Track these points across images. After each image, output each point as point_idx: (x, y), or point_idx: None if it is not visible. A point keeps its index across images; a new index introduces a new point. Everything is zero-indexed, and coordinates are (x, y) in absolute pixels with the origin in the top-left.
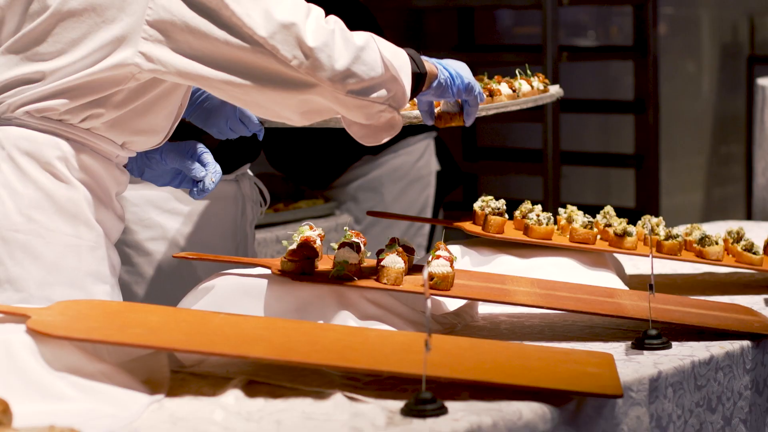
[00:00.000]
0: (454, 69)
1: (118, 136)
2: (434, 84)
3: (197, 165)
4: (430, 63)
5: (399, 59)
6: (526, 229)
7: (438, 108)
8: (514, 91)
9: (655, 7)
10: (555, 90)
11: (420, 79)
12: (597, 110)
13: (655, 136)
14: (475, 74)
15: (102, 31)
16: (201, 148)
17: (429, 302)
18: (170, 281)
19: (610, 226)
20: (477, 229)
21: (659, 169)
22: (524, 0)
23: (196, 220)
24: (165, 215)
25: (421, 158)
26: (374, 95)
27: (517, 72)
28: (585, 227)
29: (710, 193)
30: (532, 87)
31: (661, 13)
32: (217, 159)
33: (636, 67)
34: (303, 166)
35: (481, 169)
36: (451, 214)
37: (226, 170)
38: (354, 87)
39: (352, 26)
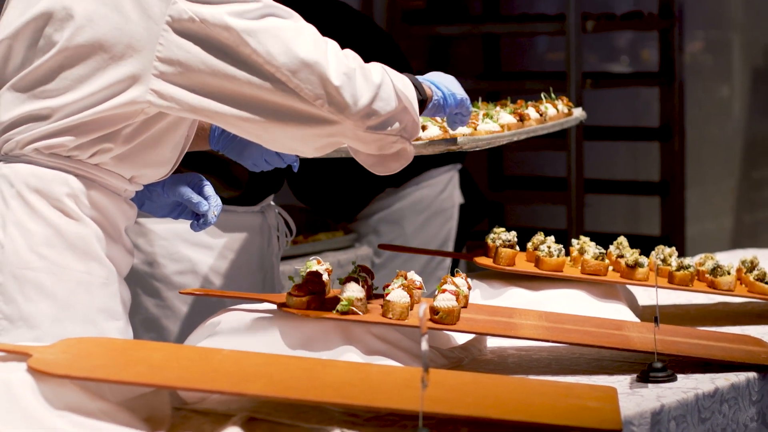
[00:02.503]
0: (446, 87)
1: (127, 171)
2: (430, 105)
3: (200, 198)
4: (425, 84)
5: (408, 90)
6: (537, 261)
7: None
8: (541, 114)
9: (681, 32)
10: (579, 113)
11: (422, 104)
12: (621, 138)
13: (680, 163)
14: (500, 101)
15: (111, 68)
16: (202, 180)
17: (425, 339)
18: (199, 314)
19: (622, 257)
20: (488, 261)
21: (685, 197)
22: (548, 27)
23: (224, 252)
24: (193, 248)
25: (444, 191)
26: (390, 128)
27: (542, 96)
28: (596, 258)
29: (740, 218)
30: (557, 110)
31: (691, 36)
32: (247, 192)
33: (661, 93)
34: (327, 198)
35: (508, 198)
36: (475, 243)
37: (250, 202)
38: (373, 123)
39: (377, 55)
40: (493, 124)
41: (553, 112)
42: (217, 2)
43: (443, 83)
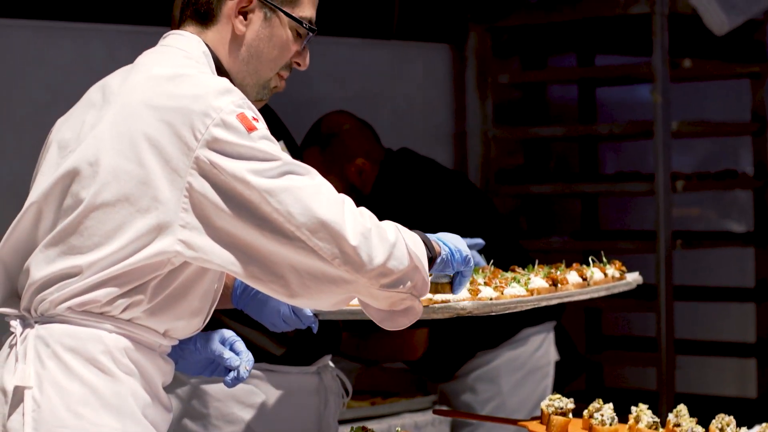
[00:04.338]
0: (452, 244)
1: (160, 324)
2: (438, 260)
3: (231, 354)
4: (433, 241)
5: (418, 248)
6: (591, 429)
7: (429, 277)
8: (584, 279)
9: None
10: (633, 278)
11: (430, 261)
12: (714, 298)
13: None
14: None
15: (137, 221)
16: (232, 336)
17: None
18: None
19: (679, 425)
20: (541, 429)
21: None
22: (638, 186)
23: (279, 413)
24: (247, 410)
25: (540, 348)
26: (402, 286)
27: (590, 260)
28: (650, 428)
29: None
30: (605, 275)
31: None
32: (298, 350)
33: (756, 254)
34: (424, 358)
35: (605, 358)
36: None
37: (305, 362)
38: (386, 281)
39: (474, 215)
40: (520, 289)
41: (599, 277)
42: (239, 158)
43: (450, 240)
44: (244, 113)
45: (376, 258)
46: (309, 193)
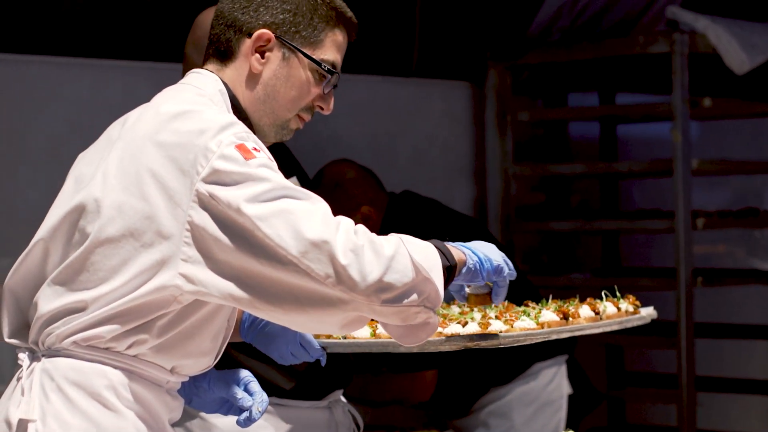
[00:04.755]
0: (483, 253)
1: (167, 361)
2: (464, 270)
3: (244, 394)
4: (458, 250)
5: (429, 259)
6: None
7: (468, 289)
8: (597, 313)
9: None
10: (647, 312)
11: (451, 270)
12: (734, 335)
13: None
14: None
15: (141, 256)
16: (248, 376)
17: None
18: None
19: None
20: None
21: None
22: (659, 224)
23: None
24: None
25: (552, 382)
26: (408, 300)
27: (603, 294)
28: None
29: None
30: (618, 309)
31: None
32: (308, 384)
33: None
34: (437, 396)
35: (629, 395)
36: None
37: (316, 396)
38: (388, 296)
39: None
40: (530, 322)
41: (612, 311)
42: (234, 184)
43: (481, 249)
44: (245, 144)
45: (370, 274)
46: (301, 216)
